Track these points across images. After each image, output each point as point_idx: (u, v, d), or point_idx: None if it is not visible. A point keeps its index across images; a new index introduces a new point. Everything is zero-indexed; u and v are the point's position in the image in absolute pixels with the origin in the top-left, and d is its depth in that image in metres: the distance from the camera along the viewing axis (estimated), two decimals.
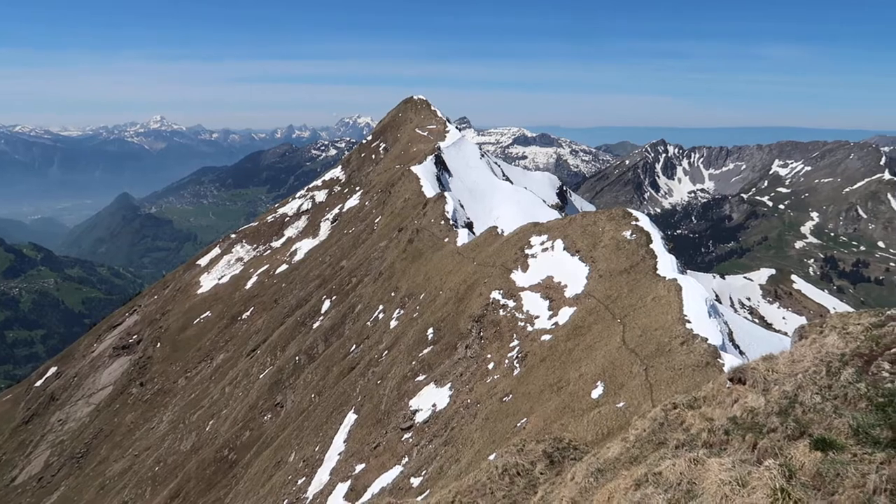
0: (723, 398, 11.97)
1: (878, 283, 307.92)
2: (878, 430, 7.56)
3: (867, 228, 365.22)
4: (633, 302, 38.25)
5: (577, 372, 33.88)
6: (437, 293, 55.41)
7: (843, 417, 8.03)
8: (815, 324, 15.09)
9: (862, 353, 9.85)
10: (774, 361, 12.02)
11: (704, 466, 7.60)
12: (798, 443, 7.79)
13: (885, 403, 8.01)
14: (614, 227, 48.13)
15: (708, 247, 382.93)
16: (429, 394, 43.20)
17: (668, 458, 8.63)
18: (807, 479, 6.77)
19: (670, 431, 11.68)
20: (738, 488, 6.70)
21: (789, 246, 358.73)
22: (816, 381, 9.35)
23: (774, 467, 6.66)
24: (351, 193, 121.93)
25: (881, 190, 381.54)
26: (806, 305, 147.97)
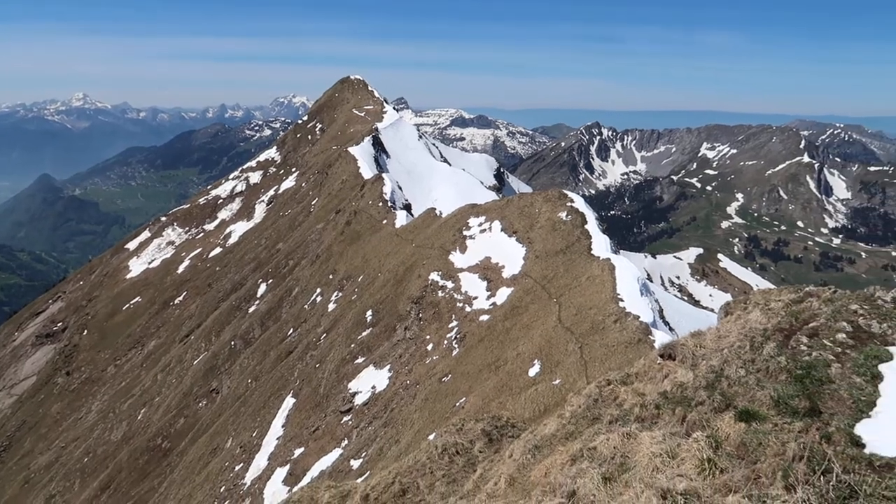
0: (654, 374, 12.38)
1: (797, 260, 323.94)
2: (796, 400, 7.95)
3: (787, 209, 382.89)
4: (569, 281, 39.04)
5: (514, 351, 34.42)
6: (376, 275, 55.15)
7: (766, 389, 8.42)
8: (740, 301, 15.76)
9: (782, 328, 10.33)
10: (702, 337, 12.49)
11: (637, 440, 7.84)
12: (724, 415, 8.12)
13: (803, 375, 8.42)
14: (550, 208, 48.86)
15: (640, 227, 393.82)
16: (368, 376, 43.12)
17: (602, 433, 8.87)
18: (732, 449, 7.07)
19: (604, 407, 12.02)
20: (668, 460, 6.94)
21: (716, 226, 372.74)
22: (741, 355, 9.75)
23: (702, 439, 6.93)
24: (287, 175, 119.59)
25: (800, 172, 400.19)
26: (731, 283, 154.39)
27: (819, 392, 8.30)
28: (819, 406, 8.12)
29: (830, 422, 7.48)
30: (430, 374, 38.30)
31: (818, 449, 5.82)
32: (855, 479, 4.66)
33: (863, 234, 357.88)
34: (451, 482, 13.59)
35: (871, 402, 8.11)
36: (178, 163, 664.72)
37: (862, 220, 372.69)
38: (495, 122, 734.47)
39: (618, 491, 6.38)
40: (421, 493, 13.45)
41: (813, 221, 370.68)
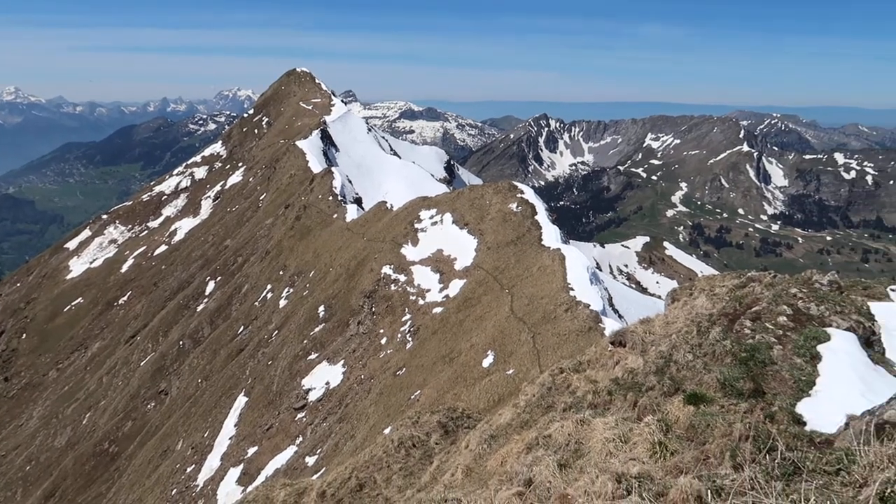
0: (605, 361, 12.63)
1: (738, 247, 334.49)
2: (741, 382, 8.23)
3: (729, 197, 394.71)
4: (520, 272, 39.44)
5: (468, 342, 34.61)
6: (327, 270, 54.62)
7: (712, 373, 8.68)
8: (686, 287, 16.19)
9: (727, 312, 10.65)
10: (651, 324, 12.79)
11: (590, 426, 7.99)
12: (673, 398, 8.34)
13: (747, 358, 8.71)
14: (501, 199, 49.21)
15: (589, 217, 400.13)
16: (322, 372, 42.75)
17: (556, 420, 9.00)
18: (681, 431, 7.28)
19: (558, 395, 12.20)
20: (621, 445, 7.10)
21: (661, 214, 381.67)
22: (688, 340, 10.03)
23: (653, 423, 7.10)
24: (233, 170, 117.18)
25: (741, 161, 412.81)
26: (677, 270, 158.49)
27: (763, 373, 8.61)
28: (763, 387, 8.42)
29: (774, 402, 7.77)
30: (385, 367, 38.21)
31: (763, 428, 6.02)
32: (798, 455, 4.85)
33: (800, 220, 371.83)
34: (409, 475, 13.60)
35: (811, 381, 8.45)
36: (118, 159, 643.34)
37: (799, 207, 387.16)
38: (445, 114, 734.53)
39: (573, 477, 6.49)
40: (378, 488, 13.43)
41: (753, 209, 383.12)
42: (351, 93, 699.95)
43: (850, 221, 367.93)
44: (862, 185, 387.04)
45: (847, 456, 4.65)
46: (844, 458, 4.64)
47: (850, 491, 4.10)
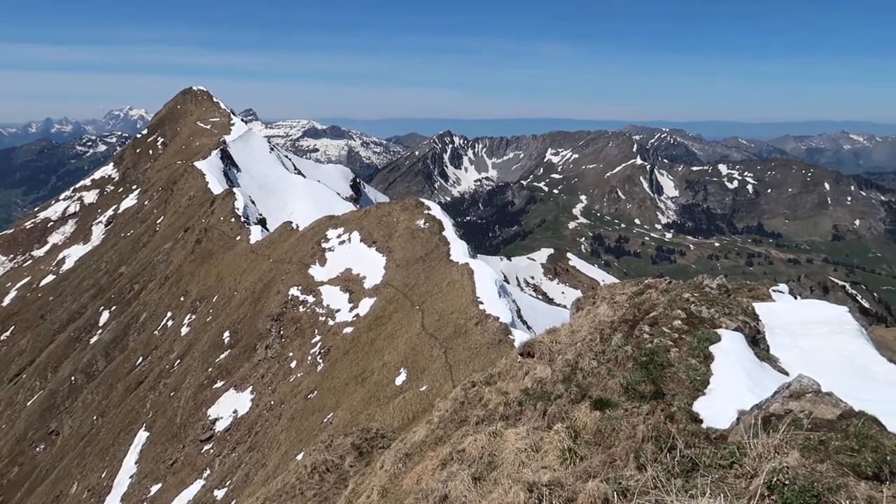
0: (515, 372, 12.87)
1: (636, 255, 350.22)
2: (642, 385, 8.60)
3: (626, 208, 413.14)
4: (430, 288, 39.63)
5: (380, 361, 34.35)
6: (232, 294, 52.86)
7: (616, 378, 9.02)
8: (589, 296, 16.80)
9: (627, 318, 11.12)
10: (557, 333, 13.16)
11: (503, 438, 8.10)
12: (581, 405, 8.61)
13: (647, 361, 9.12)
14: (408, 216, 49.37)
15: (495, 231, 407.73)
16: (229, 400, 41.17)
17: (469, 434, 9.08)
18: (589, 436, 7.51)
19: (471, 409, 12.31)
20: (532, 454, 7.24)
21: (564, 227, 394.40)
22: (592, 347, 10.38)
23: (562, 430, 7.30)
24: (127, 193, 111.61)
25: (635, 174, 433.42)
26: (580, 280, 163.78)
27: (662, 376, 9.03)
28: (663, 388, 8.83)
29: (673, 402, 8.17)
30: (296, 392, 37.28)
31: (664, 428, 6.31)
32: (695, 452, 5.12)
33: (690, 228, 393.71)
34: (323, 501, 13.31)
35: (706, 380, 8.95)
36: None
37: (689, 216, 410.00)
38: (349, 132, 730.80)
39: (488, 489, 6.56)
40: None
41: (648, 218, 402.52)
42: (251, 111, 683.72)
43: (735, 228, 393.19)
44: (744, 194, 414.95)
45: (739, 449, 4.95)
46: (737, 451, 4.94)
47: (742, 482, 4.36)
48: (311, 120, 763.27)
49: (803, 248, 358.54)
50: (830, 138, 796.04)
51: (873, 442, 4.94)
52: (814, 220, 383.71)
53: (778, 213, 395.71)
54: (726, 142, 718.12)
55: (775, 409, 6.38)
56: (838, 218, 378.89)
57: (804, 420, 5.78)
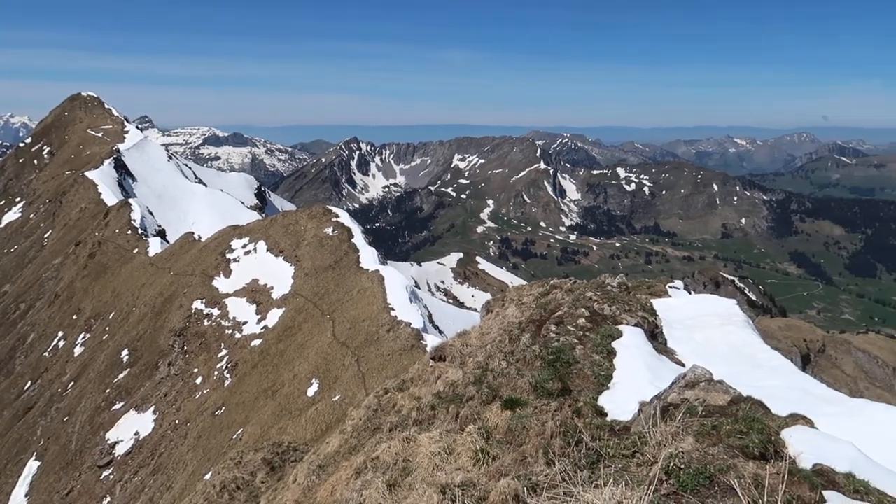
0: (428, 376, 12.93)
1: (542, 257, 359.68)
2: (550, 383, 8.85)
3: (531, 211, 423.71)
4: (341, 296, 39.18)
5: (291, 373, 33.63)
6: (130, 310, 50.27)
7: (525, 377, 9.24)
8: (498, 298, 17.11)
9: (534, 319, 11.42)
10: (468, 336, 13.33)
11: (416, 443, 8.13)
12: (492, 405, 8.76)
13: (554, 360, 9.40)
14: (316, 224, 48.64)
15: (404, 237, 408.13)
16: (129, 422, 39.09)
17: (383, 441, 9.04)
18: (501, 436, 7.66)
19: (384, 416, 12.26)
20: (446, 456, 7.30)
21: (472, 231, 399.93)
22: (502, 348, 10.59)
23: (475, 432, 7.40)
24: (9, 206, 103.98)
25: (539, 178, 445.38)
26: (490, 283, 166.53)
27: (568, 373, 9.33)
28: (569, 385, 9.13)
29: (579, 397, 8.45)
30: (202, 409, 35.87)
31: (571, 423, 6.53)
32: (600, 444, 5.33)
33: (593, 229, 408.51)
34: None
35: (609, 375, 9.32)
36: None
37: (591, 218, 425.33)
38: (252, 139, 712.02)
39: (402, 495, 6.56)
40: None
41: (553, 221, 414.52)
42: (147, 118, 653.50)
43: (634, 228, 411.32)
44: (641, 196, 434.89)
45: (640, 439, 5.20)
46: (638, 441, 5.18)
47: (643, 469, 4.58)
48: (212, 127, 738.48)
49: (696, 246, 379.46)
50: (717, 142, 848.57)
51: (759, 424, 5.31)
52: (704, 220, 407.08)
53: (672, 214, 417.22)
54: (623, 146, 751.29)
55: (673, 399, 6.74)
56: (726, 217, 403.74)
57: (698, 407, 6.13)
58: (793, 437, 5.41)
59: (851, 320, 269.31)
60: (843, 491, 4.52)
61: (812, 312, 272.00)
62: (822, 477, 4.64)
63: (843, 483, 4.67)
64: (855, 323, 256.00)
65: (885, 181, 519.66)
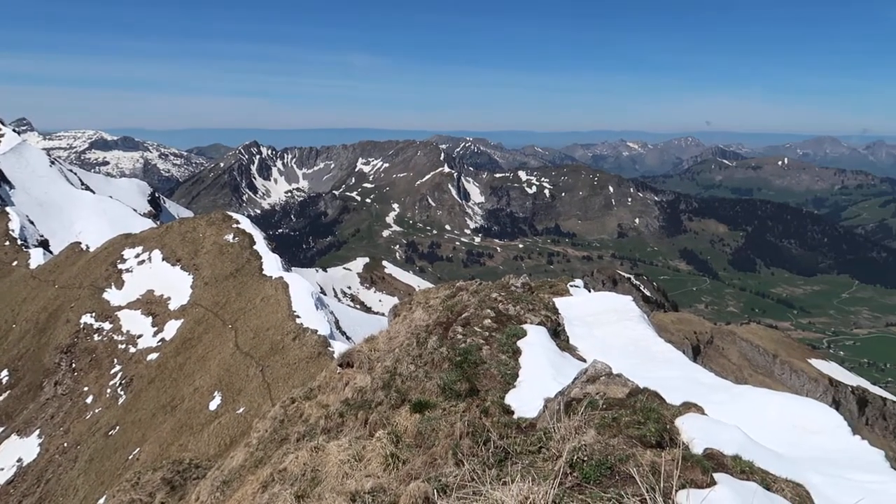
0: (335, 383, 12.76)
1: (448, 260, 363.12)
2: (458, 384, 8.94)
3: (436, 215, 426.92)
4: (243, 305, 38.00)
5: (191, 387, 32.28)
6: (10, 327, 46.66)
7: (433, 379, 9.29)
8: (405, 302, 17.12)
9: (441, 321, 11.50)
10: (375, 341, 13.26)
11: (325, 451, 8.00)
12: (401, 409, 8.75)
13: (462, 361, 9.51)
14: (215, 231, 46.95)
15: (309, 243, 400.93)
16: (11, 448, 36.27)
17: (291, 452, 8.84)
18: (411, 440, 7.66)
19: (291, 426, 11.99)
20: (356, 464, 7.22)
21: (378, 235, 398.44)
22: (410, 352, 10.60)
23: (384, 437, 7.37)
24: None
25: (443, 181, 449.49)
26: (397, 287, 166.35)
27: (476, 373, 9.46)
28: (477, 385, 9.26)
29: (487, 397, 8.59)
30: (94, 429, 33.79)
31: (479, 423, 6.61)
32: (508, 442, 5.43)
33: (497, 231, 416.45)
34: None
35: (515, 374, 9.52)
36: None
37: (495, 220, 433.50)
38: (144, 143, 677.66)
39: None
40: None
41: (458, 224, 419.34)
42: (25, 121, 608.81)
43: (536, 230, 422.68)
44: (542, 198, 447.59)
45: (545, 434, 5.34)
46: (543, 436, 5.32)
47: (549, 464, 4.71)
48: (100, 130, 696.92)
49: (594, 245, 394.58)
50: (612, 146, 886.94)
51: (655, 414, 5.58)
52: (602, 220, 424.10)
53: (572, 215, 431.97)
54: (524, 150, 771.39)
55: (575, 394, 6.97)
56: (621, 217, 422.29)
57: (599, 401, 6.37)
58: (685, 424, 5.72)
59: (736, 312, 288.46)
60: (732, 472, 4.82)
61: (701, 306, 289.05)
62: (712, 460, 4.93)
63: (731, 465, 4.99)
64: (739, 315, 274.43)
65: (762, 182, 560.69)
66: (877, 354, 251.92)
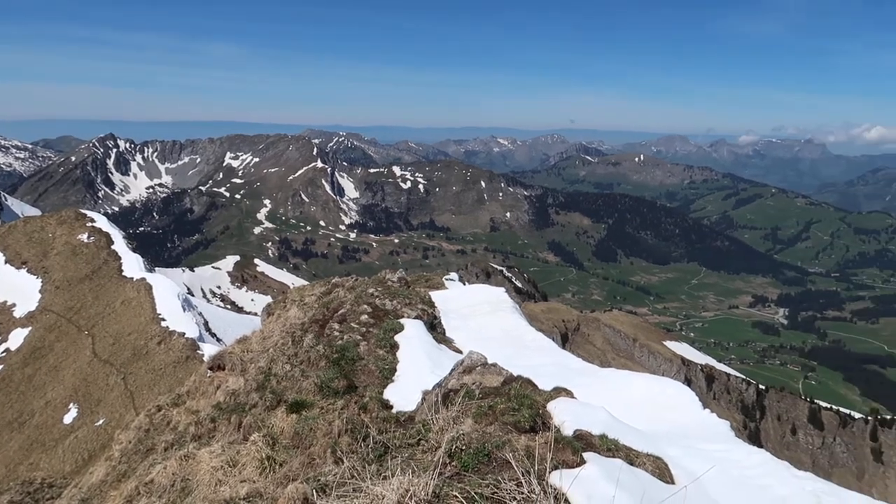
0: (206, 388, 12.21)
1: (324, 256, 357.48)
2: (336, 381, 8.84)
3: (310, 211, 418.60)
4: (101, 309, 35.42)
5: (42, 400, 29.68)
6: None
7: (310, 378, 9.13)
8: (280, 300, 16.68)
9: (317, 319, 11.32)
10: (248, 342, 12.82)
11: (196, 459, 7.63)
12: (277, 411, 8.52)
13: (339, 358, 9.41)
14: (67, 231, 43.40)
15: (174, 241, 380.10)
16: None
17: (158, 462, 8.37)
18: (288, 441, 7.48)
19: (158, 435, 11.34)
20: (230, 469, 6.95)
21: (249, 232, 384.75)
22: (285, 351, 10.35)
23: (259, 440, 7.14)
24: None
25: (316, 176, 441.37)
26: (270, 285, 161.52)
27: (353, 370, 9.39)
28: (355, 381, 9.19)
29: (365, 393, 8.55)
30: None
31: (358, 419, 6.58)
32: (387, 437, 5.44)
33: (372, 226, 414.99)
34: None
35: (393, 368, 9.55)
36: None
37: (370, 215, 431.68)
38: None
39: None
40: None
41: (332, 220, 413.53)
42: None
43: (411, 224, 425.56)
44: (417, 193, 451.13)
45: (424, 427, 5.40)
46: (422, 429, 5.38)
47: (429, 456, 4.77)
48: None
49: (468, 239, 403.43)
50: (483, 142, 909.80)
51: (528, 400, 5.80)
52: (475, 215, 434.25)
53: (446, 210, 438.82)
54: (398, 145, 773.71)
55: (453, 385, 7.10)
56: (493, 211, 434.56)
57: (476, 390, 6.53)
58: (557, 408, 6.00)
59: (600, 300, 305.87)
60: (599, 451, 5.11)
61: (568, 295, 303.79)
62: (581, 441, 5.20)
63: (598, 444, 5.29)
64: (602, 302, 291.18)
65: (621, 177, 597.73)
66: (722, 334, 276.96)
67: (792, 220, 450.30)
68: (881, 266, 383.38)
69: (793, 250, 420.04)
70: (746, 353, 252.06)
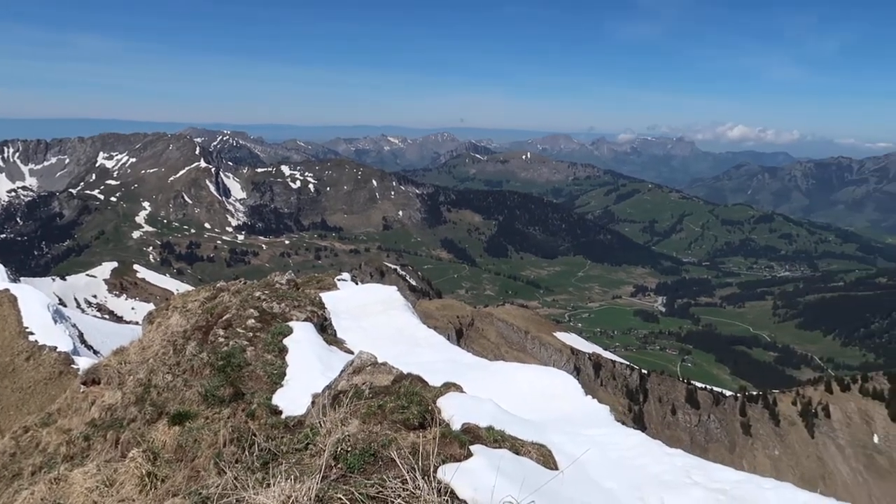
0: (79, 405, 11.44)
1: (210, 260, 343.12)
2: (222, 389, 8.54)
3: (194, 212, 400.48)
4: None
5: None
6: None
7: (194, 388, 8.77)
8: (161, 308, 15.88)
9: (200, 325, 10.88)
10: (126, 353, 12.14)
11: (68, 482, 7.14)
12: (158, 424, 8.12)
13: (224, 365, 9.09)
14: None
15: (41, 248, 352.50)
16: None
17: (24, 488, 7.76)
18: (170, 455, 7.14)
19: (25, 458, 10.51)
20: (106, 490, 6.56)
21: (127, 237, 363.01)
22: (166, 361, 9.88)
23: (139, 455, 6.78)
24: None
25: (200, 177, 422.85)
26: (152, 292, 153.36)
27: (240, 376, 9.10)
28: (242, 388, 8.91)
29: (252, 400, 8.32)
30: None
31: (245, 427, 6.39)
32: (275, 444, 5.32)
33: (261, 228, 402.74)
34: None
35: (283, 372, 9.35)
36: None
37: (259, 217, 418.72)
38: None
39: None
40: None
41: (218, 222, 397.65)
42: None
43: (302, 225, 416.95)
44: (307, 193, 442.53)
45: (312, 430, 5.33)
46: (310, 433, 5.31)
47: (316, 460, 4.71)
48: None
49: (361, 238, 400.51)
50: (373, 140, 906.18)
51: (418, 397, 5.86)
52: (367, 214, 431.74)
53: (338, 209, 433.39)
54: (286, 144, 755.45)
55: (343, 386, 7.04)
56: (386, 210, 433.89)
57: (366, 390, 6.52)
58: (446, 403, 6.10)
59: (492, 295, 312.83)
60: (486, 442, 5.24)
61: (462, 291, 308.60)
62: (469, 434, 5.32)
63: (485, 436, 5.42)
64: (495, 297, 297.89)
65: (510, 175, 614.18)
66: (606, 323, 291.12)
67: (667, 214, 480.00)
68: (745, 254, 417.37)
69: (668, 242, 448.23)
70: (630, 341, 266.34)
